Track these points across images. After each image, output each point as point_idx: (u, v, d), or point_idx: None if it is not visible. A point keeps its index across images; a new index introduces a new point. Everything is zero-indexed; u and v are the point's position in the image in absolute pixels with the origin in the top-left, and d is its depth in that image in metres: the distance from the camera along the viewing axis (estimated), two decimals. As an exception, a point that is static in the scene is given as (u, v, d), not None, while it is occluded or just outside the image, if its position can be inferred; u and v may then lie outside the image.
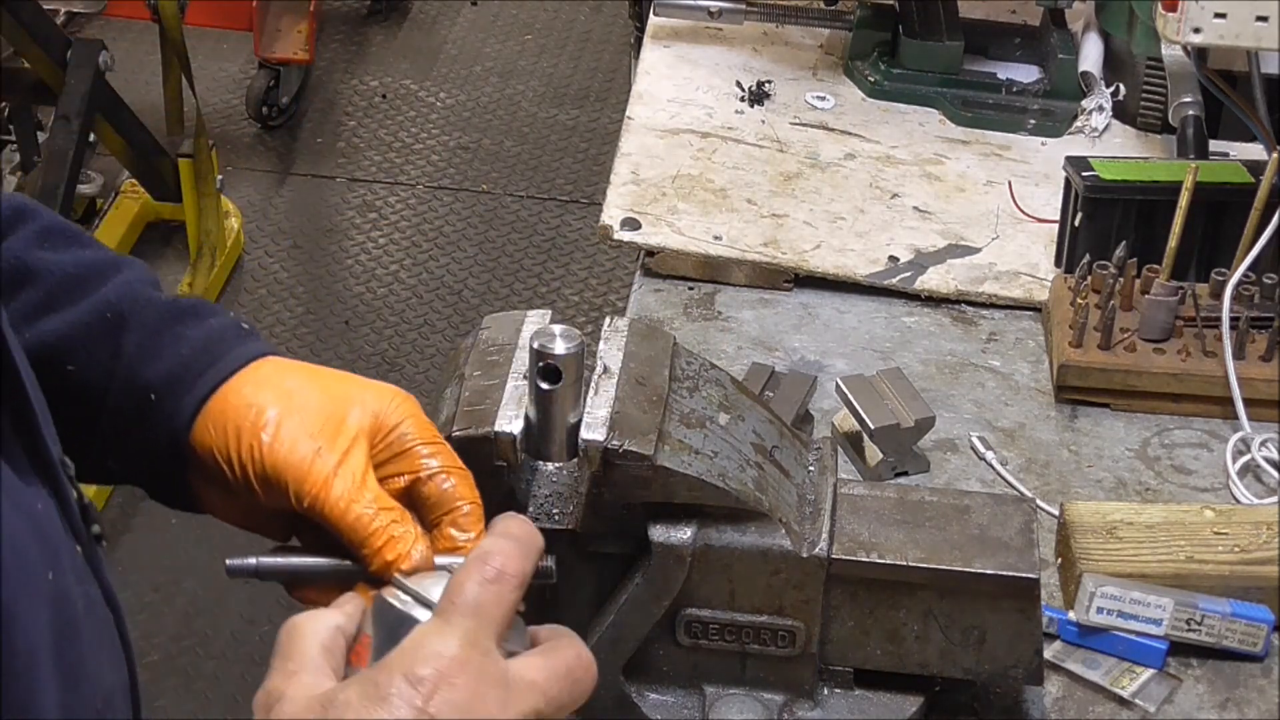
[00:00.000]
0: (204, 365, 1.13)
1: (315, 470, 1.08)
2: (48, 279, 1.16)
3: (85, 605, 0.95)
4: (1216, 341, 1.69)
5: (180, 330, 1.15)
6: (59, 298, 1.16)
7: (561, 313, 4.04)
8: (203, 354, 1.14)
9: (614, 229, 1.92)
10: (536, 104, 4.92)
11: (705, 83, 2.23)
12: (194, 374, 1.13)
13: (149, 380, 1.13)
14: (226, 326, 1.17)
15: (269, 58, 4.56)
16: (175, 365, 1.13)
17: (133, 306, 1.15)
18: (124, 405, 1.14)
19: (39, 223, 1.19)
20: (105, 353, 1.14)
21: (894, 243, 1.93)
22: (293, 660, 0.98)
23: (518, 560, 0.99)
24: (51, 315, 1.15)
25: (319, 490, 1.07)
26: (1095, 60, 2.18)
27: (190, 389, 1.12)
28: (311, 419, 1.10)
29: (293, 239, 4.37)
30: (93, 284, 1.16)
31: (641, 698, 1.30)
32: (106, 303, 1.15)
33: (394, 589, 1.01)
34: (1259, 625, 1.41)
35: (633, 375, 1.24)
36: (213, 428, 1.11)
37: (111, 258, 1.19)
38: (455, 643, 0.94)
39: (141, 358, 1.14)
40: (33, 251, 1.17)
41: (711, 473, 1.22)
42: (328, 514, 1.07)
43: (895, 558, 1.26)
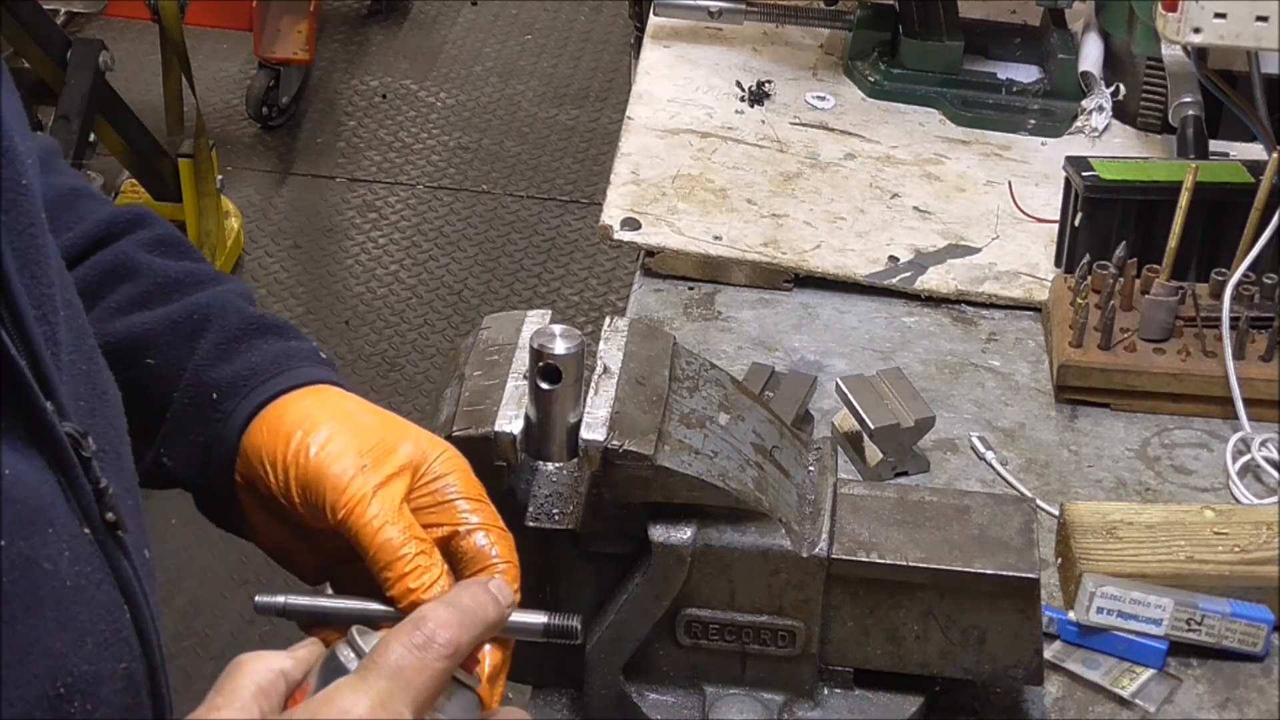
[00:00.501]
0: (270, 374, 1.15)
1: (355, 486, 1.08)
2: (149, 278, 1.19)
3: (75, 586, 0.95)
4: (1216, 341, 1.69)
5: (258, 342, 1.17)
6: (156, 296, 1.19)
7: (561, 313, 4.04)
8: (272, 365, 1.15)
9: (614, 229, 1.92)
10: (536, 104, 4.92)
11: (705, 83, 2.23)
12: (258, 380, 1.14)
13: (215, 379, 1.15)
14: (303, 349, 1.19)
15: (269, 58, 4.56)
16: (243, 370, 1.15)
17: (221, 311, 1.18)
18: (189, 401, 1.15)
19: (154, 231, 1.22)
20: (184, 351, 1.16)
21: (894, 243, 1.93)
22: (222, 696, 0.97)
23: (453, 629, 0.97)
24: (145, 311, 1.18)
25: (355, 505, 1.07)
26: (1095, 60, 2.18)
27: (250, 393, 1.14)
28: (363, 439, 1.10)
29: (293, 239, 4.37)
30: (190, 288, 1.19)
31: (641, 698, 1.30)
32: (197, 304, 1.18)
33: (344, 643, 0.99)
34: (1259, 625, 1.41)
35: (633, 375, 1.24)
36: (267, 431, 1.12)
37: (215, 272, 1.22)
38: (365, 702, 0.93)
39: (215, 359, 1.16)
40: (141, 254, 1.20)
41: (711, 473, 1.22)
42: (359, 531, 1.07)
43: (895, 558, 1.26)
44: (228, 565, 3.39)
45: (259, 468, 1.12)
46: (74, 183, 1.23)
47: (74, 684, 0.95)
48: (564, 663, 1.30)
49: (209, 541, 3.42)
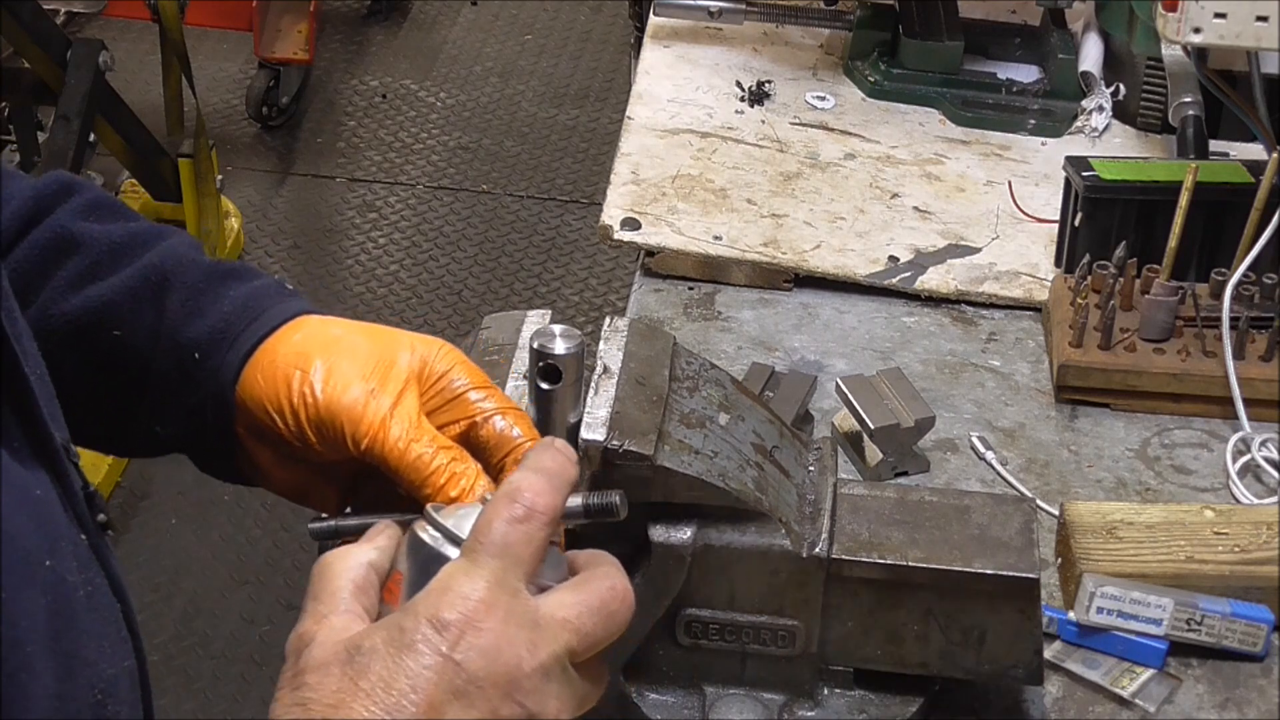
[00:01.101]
0: (246, 320, 1.12)
1: (370, 412, 1.06)
2: (93, 247, 1.16)
3: (87, 594, 0.95)
4: (1216, 341, 1.69)
5: (222, 290, 1.14)
6: (104, 265, 1.16)
7: (561, 313, 4.04)
8: (245, 310, 1.13)
9: (614, 229, 1.92)
10: (536, 104, 4.92)
11: (705, 83, 2.23)
12: (236, 330, 1.12)
13: (192, 338, 1.13)
14: (269, 286, 1.16)
15: (269, 58, 4.56)
16: (218, 322, 1.13)
17: (176, 268, 1.15)
18: (169, 366, 1.13)
19: (84, 197, 1.19)
20: (150, 315, 1.14)
21: (894, 243, 1.93)
22: (323, 602, 0.96)
23: (548, 495, 0.96)
24: (97, 282, 1.15)
25: (376, 431, 1.06)
26: (1095, 60, 2.18)
27: (233, 345, 1.12)
28: (362, 362, 1.09)
29: (293, 239, 4.37)
30: (137, 250, 1.16)
31: (641, 698, 1.30)
32: (150, 266, 1.15)
33: (426, 524, 0.98)
34: (1259, 625, 1.41)
35: (633, 375, 1.24)
36: (262, 379, 1.10)
37: (155, 227, 1.20)
38: (483, 585, 0.92)
39: (185, 317, 1.13)
40: (78, 223, 1.17)
41: (711, 473, 1.22)
42: (387, 455, 1.06)
43: (895, 558, 1.26)
44: (228, 565, 3.39)
45: (264, 417, 1.10)
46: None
47: (106, 689, 0.96)
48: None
49: (209, 541, 3.42)
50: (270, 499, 3.55)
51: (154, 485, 3.50)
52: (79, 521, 0.98)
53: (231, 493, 3.52)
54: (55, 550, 0.92)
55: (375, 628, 0.93)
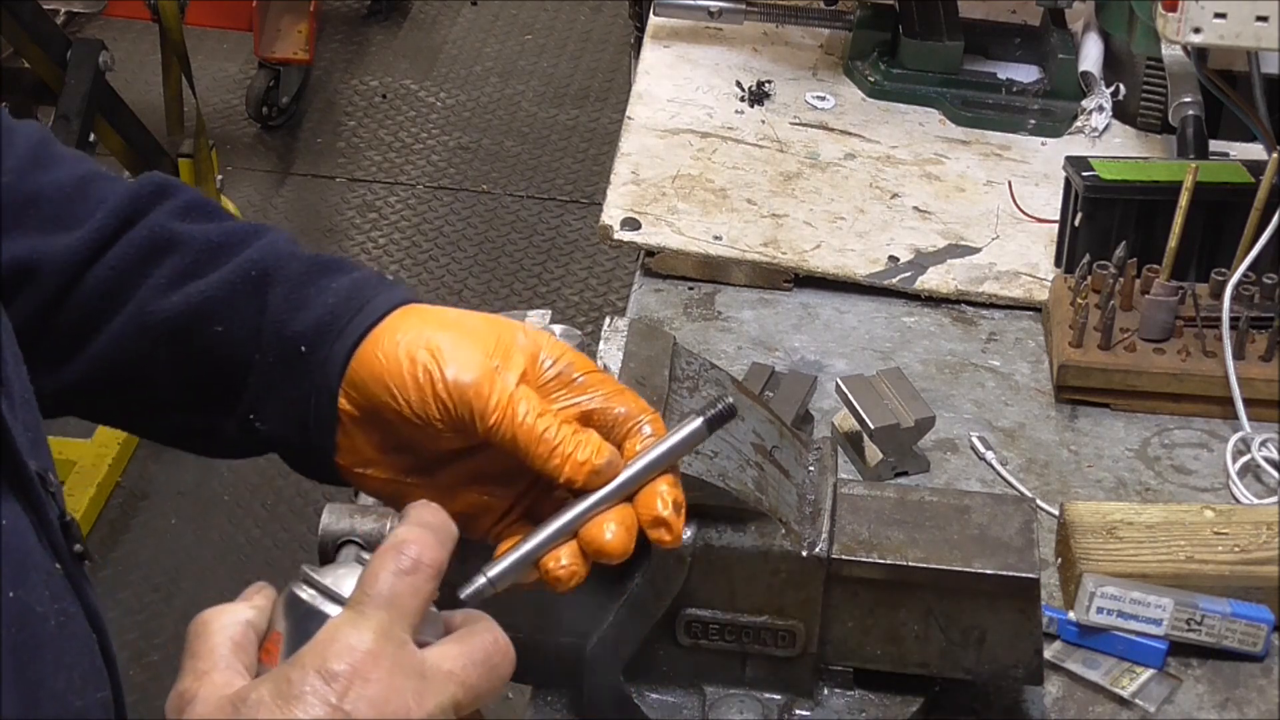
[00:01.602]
0: (353, 310, 1.12)
1: (498, 388, 1.07)
2: (192, 246, 1.16)
3: (59, 624, 0.94)
4: (1216, 341, 1.69)
5: (325, 282, 1.14)
6: (204, 263, 1.16)
7: (561, 313, 4.04)
8: (350, 300, 1.13)
9: (614, 229, 1.92)
10: (536, 104, 4.92)
11: (705, 83, 2.23)
12: (343, 320, 1.12)
13: (298, 330, 1.12)
14: (370, 276, 1.16)
15: (269, 58, 4.56)
16: (324, 314, 1.12)
17: (276, 262, 1.15)
18: (274, 360, 1.13)
19: (181, 198, 1.19)
20: (252, 310, 1.14)
21: (894, 243, 1.93)
22: (203, 659, 0.94)
23: (434, 549, 0.96)
24: (197, 280, 1.15)
25: (506, 407, 1.06)
26: (1095, 60, 2.18)
27: (340, 335, 1.11)
28: (483, 340, 1.09)
29: (293, 239, 4.37)
30: (236, 247, 1.16)
31: (641, 698, 1.30)
32: (250, 261, 1.15)
33: (303, 583, 0.97)
34: (1259, 625, 1.41)
35: (633, 375, 1.24)
36: (383, 356, 1.09)
37: (253, 225, 1.20)
38: (369, 636, 0.91)
39: (288, 311, 1.13)
40: (175, 223, 1.17)
41: (711, 473, 1.22)
42: (515, 432, 1.06)
43: (895, 558, 1.26)
44: (228, 565, 3.39)
45: (384, 396, 1.09)
46: (80, 169, 1.20)
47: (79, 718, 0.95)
48: (564, 663, 1.30)
49: (209, 541, 3.42)
50: (270, 499, 3.56)
51: (154, 485, 3.50)
52: (54, 551, 0.97)
53: (231, 493, 3.52)
54: (23, 581, 0.91)
55: (260, 681, 0.92)
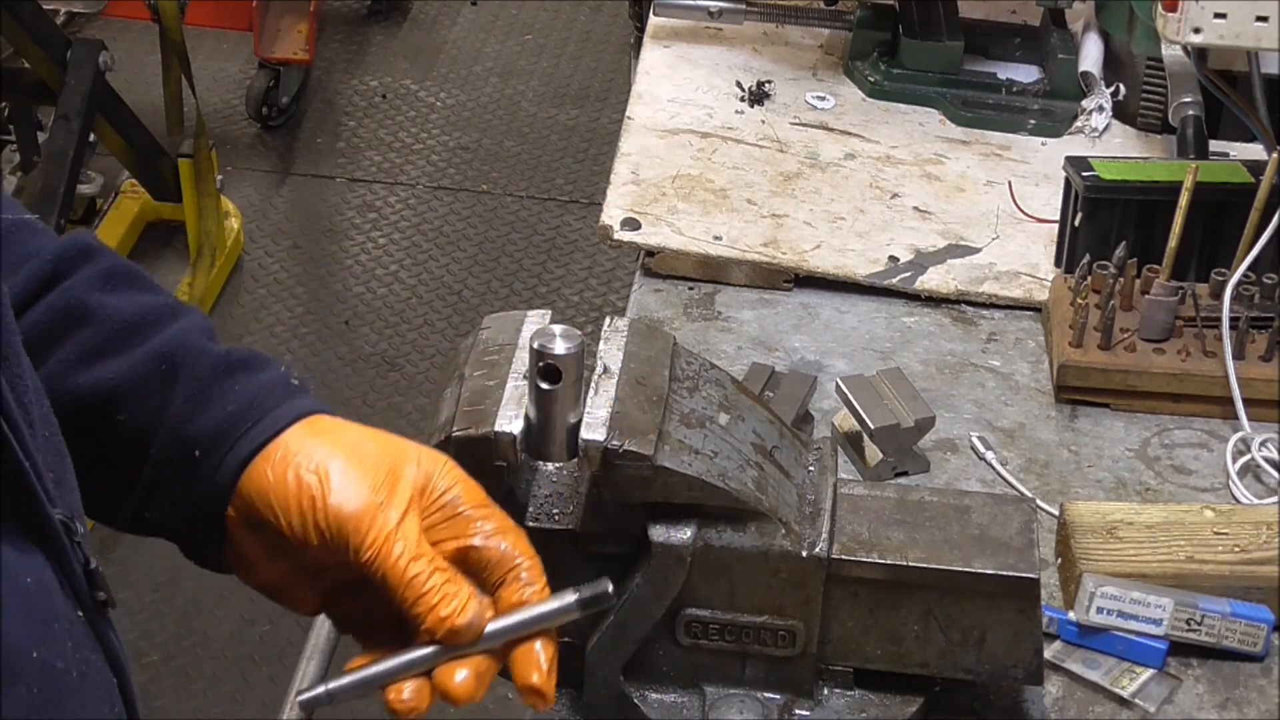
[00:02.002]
0: (250, 421, 1.12)
1: (377, 525, 1.07)
2: (105, 323, 1.15)
3: (80, 674, 0.94)
4: (1216, 341, 1.69)
5: (229, 385, 1.14)
6: (113, 343, 1.15)
7: (561, 313, 4.04)
8: (249, 410, 1.13)
9: (614, 229, 1.92)
10: (536, 104, 4.92)
11: (705, 83, 2.23)
12: (240, 430, 1.12)
13: (194, 435, 1.13)
14: (276, 381, 1.16)
15: (269, 58, 4.56)
16: (221, 420, 1.13)
17: (185, 357, 1.15)
18: (168, 459, 1.13)
19: (102, 265, 1.18)
20: (155, 403, 1.14)
21: (894, 243, 1.93)
22: None
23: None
24: (106, 361, 1.15)
25: (381, 545, 1.07)
26: (1095, 60, 2.18)
27: (234, 445, 1.12)
28: (372, 470, 1.10)
29: (293, 239, 4.37)
30: (148, 331, 1.16)
31: (641, 698, 1.30)
32: (160, 354, 1.15)
33: None
34: (1259, 625, 1.41)
35: (633, 375, 1.24)
36: (271, 474, 1.10)
37: (170, 304, 1.19)
38: None
39: (188, 412, 1.13)
40: (93, 293, 1.16)
41: (711, 473, 1.22)
42: (387, 571, 1.07)
43: (895, 558, 1.26)
44: (228, 565, 3.38)
45: (266, 511, 1.10)
46: (11, 214, 1.18)
47: None
48: (564, 663, 1.30)
49: (209, 541, 3.41)
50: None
51: (154, 485, 3.49)
52: (76, 599, 0.97)
53: (231, 493, 3.52)
54: (46, 637, 0.91)
55: None
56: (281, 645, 3.23)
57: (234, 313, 4.09)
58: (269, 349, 3.97)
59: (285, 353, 3.96)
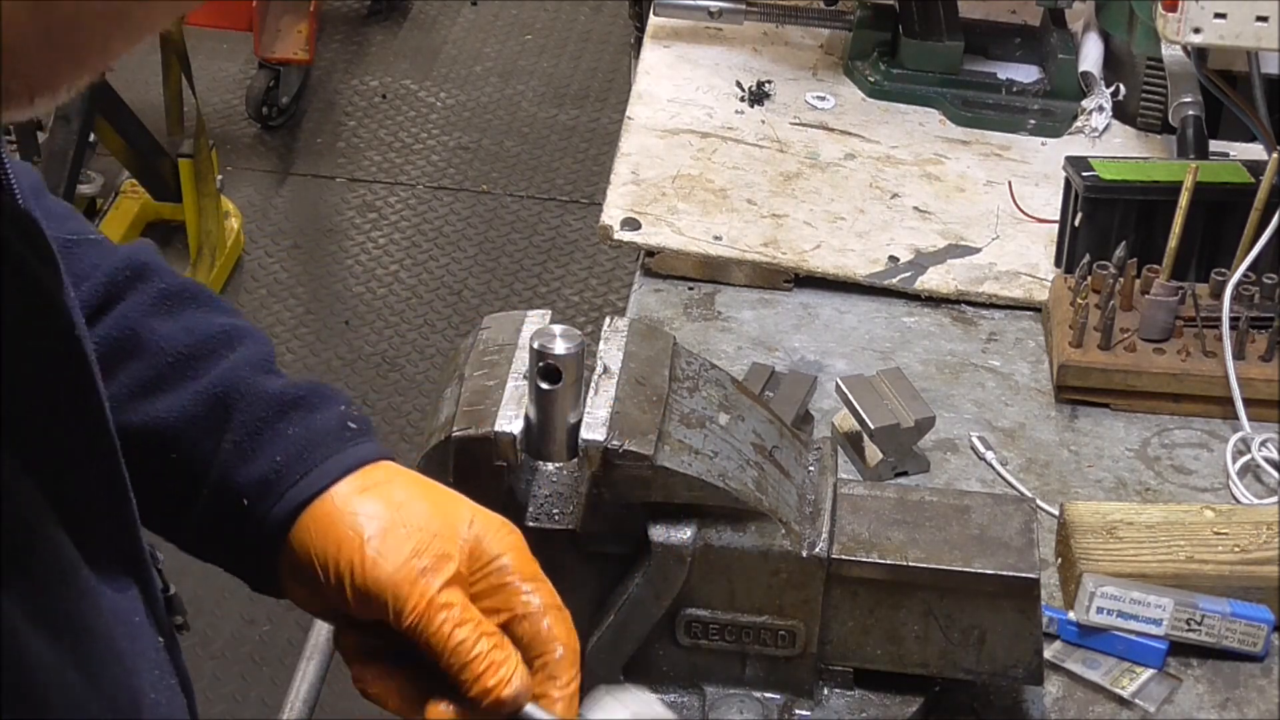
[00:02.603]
0: (299, 473, 1.10)
1: (418, 592, 1.05)
2: (158, 355, 1.14)
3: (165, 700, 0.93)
4: (1216, 341, 1.69)
5: (282, 428, 1.12)
6: (167, 378, 1.13)
7: (561, 313, 4.04)
8: (298, 460, 1.11)
9: (614, 229, 1.92)
10: (536, 104, 4.92)
11: (705, 83, 2.23)
12: (287, 483, 1.10)
13: (241, 484, 1.11)
14: (330, 425, 1.13)
15: (269, 58, 4.56)
16: (269, 471, 1.11)
17: (239, 399, 1.13)
18: (216, 504, 1.12)
19: (156, 285, 1.16)
20: (207, 446, 1.12)
21: (894, 243, 1.93)
22: None
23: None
24: (158, 396, 1.13)
25: (423, 612, 1.05)
26: (1095, 60, 2.18)
27: (283, 498, 1.10)
28: (417, 536, 1.07)
29: (293, 239, 4.37)
30: (202, 364, 1.14)
31: (641, 698, 1.30)
32: (212, 394, 1.13)
33: None
34: (1259, 625, 1.41)
35: (633, 375, 1.24)
36: (314, 530, 1.08)
37: (227, 329, 1.17)
38: None
39: (238, 457, 1.12)
40: (147, 319, 1.15)
41: (711, 473, 1.22)
42: (431, 637, 1.05)
43: (895, 558, 1.27)
44: (228, 565, 3.38)
45: (308, 565, 1.08)
46: (72, 227, 1.16)
47: None
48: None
49: (209, 541, 3.41)
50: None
51: (154, 485, 3.49)
52: (158, 626, 0.96)
53: (231, 493, 3.52)
54: (140, 670, 0.90)
55: None
56: (281, 645, 3.23)
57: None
58: (269, 349, 3.98)
59: (285, 353, 3.96)
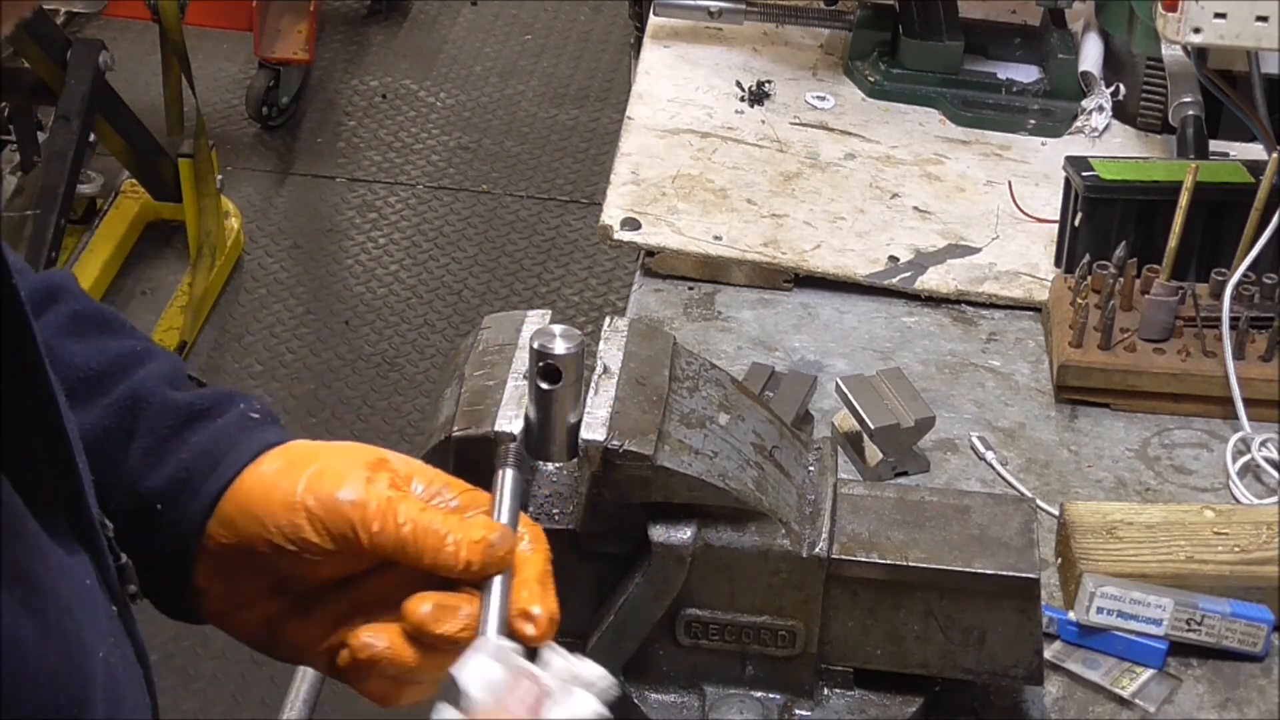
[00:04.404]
0: (210, 465, 1.11)
1: (375, 497, 1.05)
2: (70, 371, 1.14)
3: (123, 668, 0.95)
4: (1216, 341, 1.69)
5: (187, 435, 1.13)
6: (80, 392, 1.14)
7: (561, 313, 4.04)
8: (206, 456, 1.11)
9: (614, 229, 1.92)
10: (536, 104, 4.92)
11: (705, 83, 2.23)
12: (199, 480, 1.10)
13: (152, 489, 1.11)
14: (232, 423, 1.14)
15: (269, 58, 4.56)
16: (178, 472, 1.11)
17: (146, 410, 1.13)
18: (128, 512, 1.12)
19: (69, 307, 1.17)
20: (115, 458, 1.13)
21: (894, 243, 1.93)
22: None
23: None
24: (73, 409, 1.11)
25: (385, 514, 1.04)
26: (1095, 60, 2.18)
27: (195, 495, 1.10)
28: (352, 457, 1.08)
29: (293, 239, 4.37)
30: (112, 381, 1.14)
31: (641, 698, 1.30)
32: (122, 408, 1.13)
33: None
34: (1259, 625, 1.41)
35: (633, 375, 1.24)
36: (240, 505, 1.08)
37: (138, 350, 1.17)
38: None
39: (147, 465, 1.12)
40: (60, 339, 1.15)
41: (711, 473, 1.22)
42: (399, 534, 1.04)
43: (895, 558, 1.27)
44: (228, 565, 3.38)
45: (255, 529, 1.08)
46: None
47: None
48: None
49: (209, 541, 3.41)
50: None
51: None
52: (111, 595, 0.97)
53: (231, 493, 3.52)
54: (103, 636, 0.91)
55: None
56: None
57: (234, 313, 4.09)
58: (269, 349, 3.98)
59: (285, 352, 3.97)
